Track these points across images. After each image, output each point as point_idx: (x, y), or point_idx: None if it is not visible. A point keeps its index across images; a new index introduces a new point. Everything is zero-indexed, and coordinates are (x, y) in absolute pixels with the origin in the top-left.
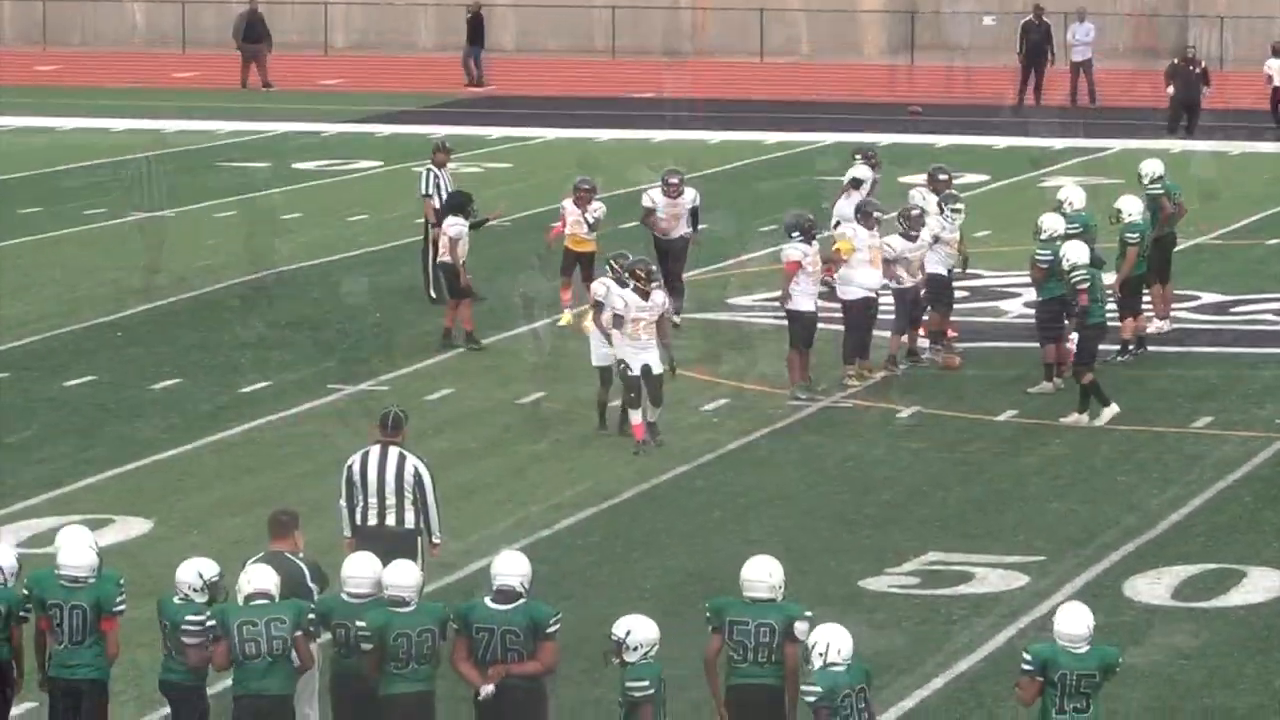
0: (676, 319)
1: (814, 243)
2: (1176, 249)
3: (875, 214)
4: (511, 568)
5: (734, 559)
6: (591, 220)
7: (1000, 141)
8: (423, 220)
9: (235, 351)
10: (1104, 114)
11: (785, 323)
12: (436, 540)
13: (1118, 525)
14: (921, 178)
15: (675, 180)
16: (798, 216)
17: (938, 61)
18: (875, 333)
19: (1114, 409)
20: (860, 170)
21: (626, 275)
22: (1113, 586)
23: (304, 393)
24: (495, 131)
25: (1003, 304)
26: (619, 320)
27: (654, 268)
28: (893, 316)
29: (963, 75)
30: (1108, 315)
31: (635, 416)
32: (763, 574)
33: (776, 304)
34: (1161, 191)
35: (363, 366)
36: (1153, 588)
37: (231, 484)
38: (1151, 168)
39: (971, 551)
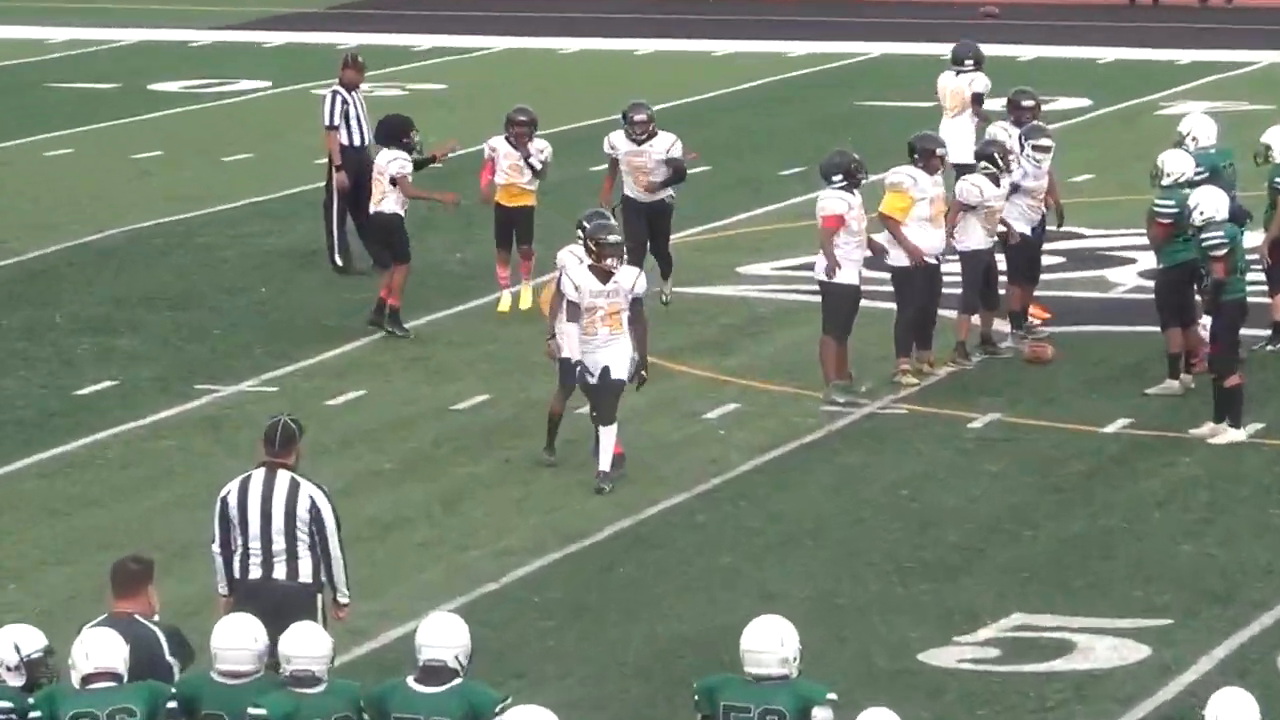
0: (666, 294)
1: (857, 192)
2: None
3: (939, 151)
4: (442, 637)
5: (747, 620)
6: (538, 165)
7: (1106, 53)
8: (326, 160)
9: (71, 338)
10: (1244, 15)
11: (818, 299)
12: (343, 599)
13: (1271, 575)
14: (1000, 104)
15: (642, 116)
16: (841, 155)
17: None
18: (939, 312)
19: (1240, 435)
20: (981, 81)
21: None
22: (1264, 660)
23: (163, 394)
24: (424, 40)
25: (1110, 273)
26: (573, 310)
27: (616, 238)
28: (960, 290)
29: None
30: (1249, 289)
31: (606, 437)
32: (770, 642)
33: (808, 274)
34: None
35: (243, 359)
36: None
37: (63, 520)
38: None
39: (1071, 613)
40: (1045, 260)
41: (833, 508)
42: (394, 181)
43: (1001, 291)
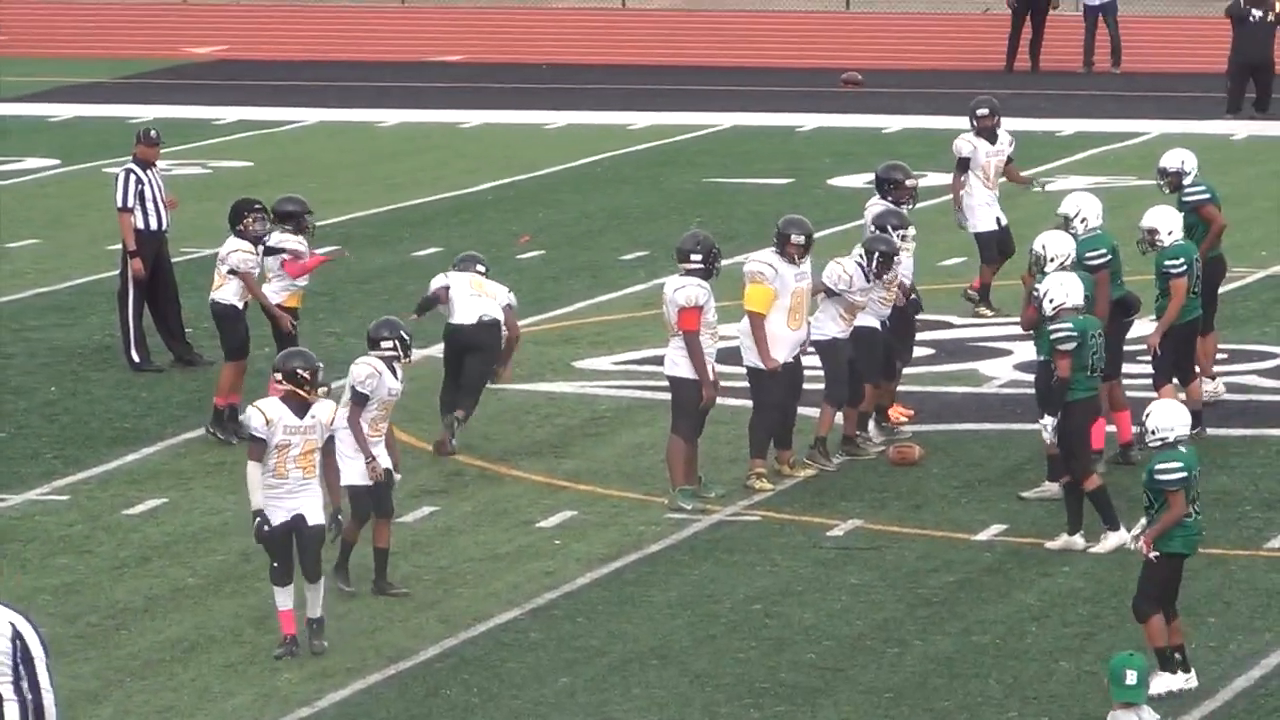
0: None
1: (710, 278)
2: (1229, 286)
3: (797, 238)
4: None
5: None
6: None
7: None
8: (120, 246)
9: None
10: (1132, 82)
11: (665, 396)
12: None
13: (1160, 696)
14: (866, 181)
15: (481, 270)
16: (697, 239)
17: (886, 8)
18: (799, 410)
19: (1122, 536)
20: (956, 143)
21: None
22: None
23: None
24: (227, 113)
25: (983, 366)
26: (257, 447)
27: (308, 370)
28: (821, 386)
29: (923, 28)
30: (1099, 387)
31: (282, 599)
32: None
33: (654, 368)
34: (1204, 196)
35: (31, 466)
36: None
37: None
38: (1179, 160)
39: None
40: (916, 350)
41: (680, 625)
42: (233, 272)
43: None
